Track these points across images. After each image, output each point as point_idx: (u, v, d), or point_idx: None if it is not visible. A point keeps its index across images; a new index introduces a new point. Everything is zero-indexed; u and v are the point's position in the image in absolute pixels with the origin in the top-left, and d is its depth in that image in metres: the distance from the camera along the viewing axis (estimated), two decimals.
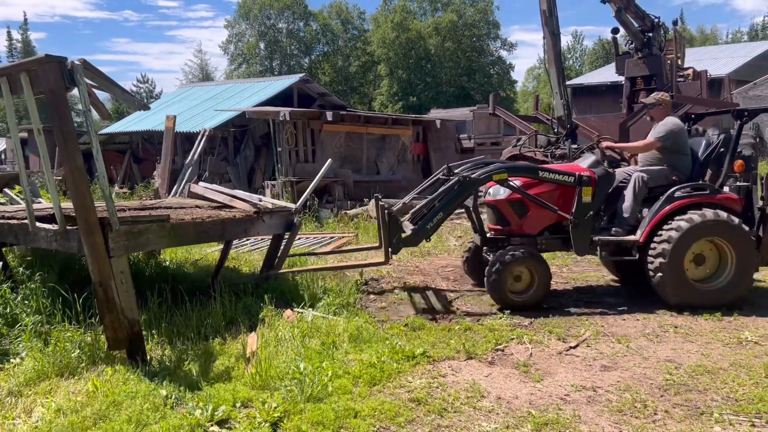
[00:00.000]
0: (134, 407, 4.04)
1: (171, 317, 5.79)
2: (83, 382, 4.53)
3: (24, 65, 4.92)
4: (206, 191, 7.63)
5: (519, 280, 6.50)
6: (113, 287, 4.76)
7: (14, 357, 5.00)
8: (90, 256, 4.75)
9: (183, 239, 5.94)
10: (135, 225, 5.15)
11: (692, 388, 4.45)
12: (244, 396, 4.22)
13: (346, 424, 3.88)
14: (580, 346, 5.40)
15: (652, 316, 6.21)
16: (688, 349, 5.27)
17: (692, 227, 6.16)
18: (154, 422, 3.88)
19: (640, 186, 6.60)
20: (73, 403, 4.16)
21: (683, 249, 6.20)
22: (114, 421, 3.88)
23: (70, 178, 4.67)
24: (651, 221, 6.37)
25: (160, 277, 7.08)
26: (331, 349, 5.12)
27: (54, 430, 3.79)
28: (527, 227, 6.84)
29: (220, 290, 6.22)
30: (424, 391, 4.37)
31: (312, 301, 6.46)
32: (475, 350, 5.24)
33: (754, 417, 4.00)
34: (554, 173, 6.67)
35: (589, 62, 68.93)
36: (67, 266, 6.55)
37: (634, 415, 4.06)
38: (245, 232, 6.79)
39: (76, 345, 4.93)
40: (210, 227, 6.15)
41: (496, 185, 6.88)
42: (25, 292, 5.66)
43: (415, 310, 6.60)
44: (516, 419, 4.00)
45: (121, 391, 4.27)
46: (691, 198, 6.38)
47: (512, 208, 6.81)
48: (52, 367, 4.69)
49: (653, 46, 14.07)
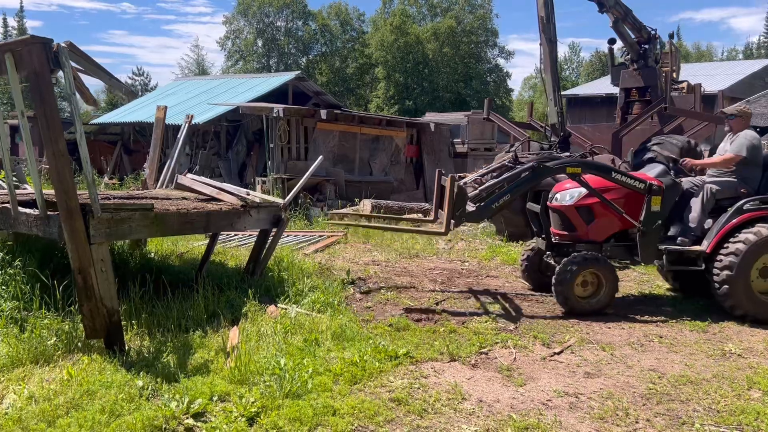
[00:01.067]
0: (108, 397, 3.97)
1: (152, 308, 5.72)
2: (58, 370, 4.46)
3: (8, 45, 4.83)
4: (194, 183, 7.55)
5: (585, 285, 6.51)
6: (93, 275, 4.68)
7: None
8: (70, 242, 4.66)
9: (167, 229, 5.85)
10: (118, 212, 5.06)
11: (674, 398, 4.43)
12: (222, 390, 4.15)
13: (324, 421, 3.83)
14: (565, 353, 5.37)
15: (638, 325, 6.20)
16: (672, 359, 5.26)
17: (760, 240, 6.17)
18: (128, 413, 3.81)
19: (709, 197, 6.62)
20: (47, 390, 4.09)
21: (750, 262, 6.20)
22: (86, 411, 3.81)
23: (52, 162, 4.59)
24: (719, 232, 6.37)
25: (144, 268, 6.98)
26: (313, 346, 5.06)
27: (24, 418, 3.71)
28: (593, 234, 6.85)
29: (203, 283, 6.14)
30: (405, 392, 4.33)
31: (297, 297, 6.40)
32: (459, 352, 5.20)
33: (735, 428, 3.99)
34: (626, 177, 6.67)
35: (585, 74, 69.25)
36: (48, 253, 6.44)
37: (615, 423, 4.03)
38: (231, 226, 6.71)
39: (53, 332, 4.87)
40: (195, 219, 6.07)
41: (564, 190, 6.90)
42: (3, 278, 5.56)
43: (400, 311, 6.54)
44: (496, 423, 3.96)
45: (96, 381, 4.20)
46: (760, 211, 6.39)
47: (579, 214, 6.82)
48: (27, 354, 4.62)
49: (649, 58, 14.09)
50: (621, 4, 13.49)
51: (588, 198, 6.77)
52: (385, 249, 10.36)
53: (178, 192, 7.71)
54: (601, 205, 6.73)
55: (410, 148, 18.55)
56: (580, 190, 6.80)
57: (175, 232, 6.29)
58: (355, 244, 10.81)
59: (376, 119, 18.70)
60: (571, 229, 6.95)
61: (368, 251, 10.24)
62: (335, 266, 8.67)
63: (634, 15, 13.76)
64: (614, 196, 6.71)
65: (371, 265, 9.01)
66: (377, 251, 10.21)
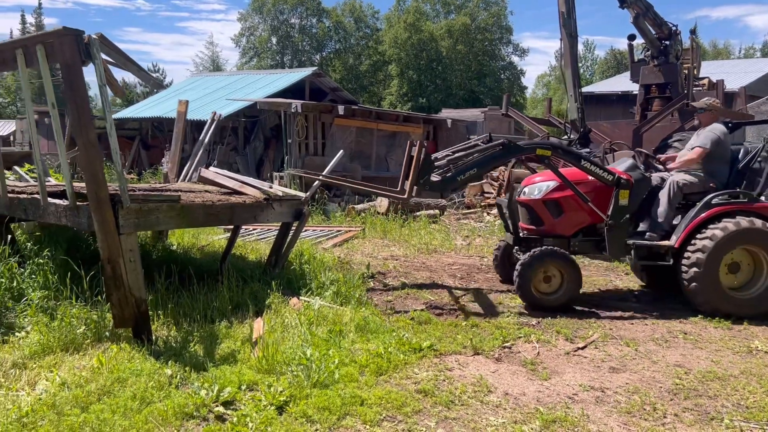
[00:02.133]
0: (139, 384, 4.01)
1: (178, 299, 5.77)
2: (88, 358, 4.51)
3: (40, 37, 4.88)
4: (216, 176, 7.59)
5: (549, 280, 6.46)
6: (122, 265, 4.72)
7: (20, 330, 4.98)
8: (99, 232, 4.71)
9: (192, 221, 5.90)
10: (146, 203, 5.11)
11: (702, 394, 4.40)
12: (250, 379, 4.18)
13: (352, 411, 3.84)
14: (588, 348, 5.35)
15: (661, 322, 6.16)
16: (698, 355, 5.22)
17: (728, 235, 6.11)
18: (158, 400, 3.85)
19: (675, 192, 6.54)
20: (78, 377, 4.14)
21: (718, 257, 6.14)
22: (118, 397, 3.85)
23: (83, 153, 4.64)
24: (687, 227, 6.31)
25: (167, 259, 7.05)
26: (337, 337, 5.08)
27: (58, 403, 3.76)
28: (561, 228, 6.80)
29: (227, 275, 6.18)
30: (430, 383, 4.33)
31: (319, 290, 6.42)
32: (482, 346, 5.20)
33: (766, 424, 3.95)
34: (595, 166, 6.61)
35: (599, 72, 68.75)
36: (75, 244, 6.52)
37: (643, 417, 4.01)
38: (254, 218, 6.74)
39: (82, 321, 4.92)
40: (219, 211, 6.11)
41: (532, 184, 6.86)
42: (32, 267, 5.63)
43: (421, 305, 6.55)
44: (523, 415, 3.96)
45: (126, 369, 4.24)
46: (728, 205, 6.31)
47: (547, 208, 6.78)
48: (57, 341, 4.68)
49: (670, 54, 13.98)
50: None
51: (556, 192, 6.71)
52: (403, 244, 10.38)
53: (200, 185, 7.76)
54: (570, 198, 6.65)
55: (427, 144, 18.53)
56: (548, 183, 6.75)
57: (200, 223, 6.34)
58: (373, 240, 10.84)
59: (393, 115, 18.70)
60: (538, 223, 6.88)
61: (386, 246, 10.26)
62: (354, 260, 8.70)
63: (656, 11, 13.66)
64: (584, 190, 6.61)
65: (390, 260, 9.03)
66: (395, 246, 10.23)
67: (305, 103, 16.42)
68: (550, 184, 6.74)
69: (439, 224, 12.76)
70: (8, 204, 5.94)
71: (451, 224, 13.09)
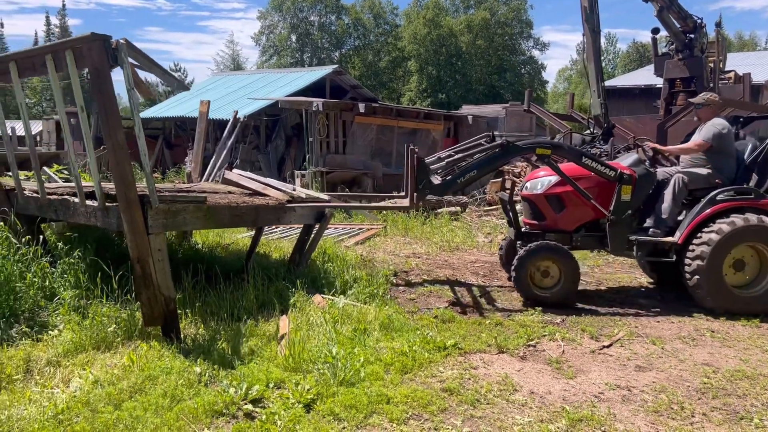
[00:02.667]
0: (169, 382, 4.08)
1: (204, 297, 5.86)
2: (119, 356, 4.59)
3: (69, 43, 4.98)
4: (240, 178, 7.68)
5: (547, 275, 6.44)
6: (151, 264, 4.81)
7: (53, 329, 5.08)
8: (129, 232, 4.80)
9: (218, 222, 5.98)
10: (173, 204, 5.20)
11: (731, 393, 4.36)
12: (277, 377, 4.24)
13: (378, 409, 3.88)
14: (614, 346, 5.33)
15: (688, 320, 6.11)
16: (726, 353, 5.17)
17: (733, 231, 6.03)
18: (188, 398, 3.92)
19: (680, 187, 6.47)
20: (110, 375, 4.23)
21: (723, 253, 6.07)
22: (150, 395, 3.94)
23: (112, 155, 4.73)
24: (691, 223, 6.24)
25: (192, 259, 7.14)
26: (362, 335, 5.12)
27: (92, 401, 3.85)
28: (563, 223, 6.77)
29: (252, 274, 6.26)
30: (456, 382, 4.35)
31: (343, 288, 6.47)
32: (507, 345, 5.20)
33: None
34: (597, 163, 6.56)
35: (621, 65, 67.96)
36: (103, 244, 6.63)
37: (670, 417, 3.99)
38: (278, 220, 6.81)
39: (113, 320, 5.01)
40: (244, 212, 6.19)
41: (535, 179, 6.83)
42: (63, 267, 5.75)
43: (444, 303, 6.56)
44: (550, 414, 3.96)
45: (156, 367, 4.32)
46: (734, 201, 6.23)
47: (549, 203, 6.75)
48: (89, 340, 4.77)
49: (695, 48, 13.78)
50: None
51: (558, 187, 6.67)
52: (425, 242, 10.39)
53: (224, 186, 7.85)
54: (572, 193, 6.61)
55: (447, 142, 18.50)
56: (550, 178, 6.71)
57: (226, 224, 6.42)
58: (395, 237, 10.87)
59: (414, 112, 18.69)
60: (541, 218, 6.86)
61: (408, 244, 10.28)
62: (377, 258, 8.73)
63: (680, 3, 13.48)
64: (586, 185, 6.57)
65: (412, 258, 9.05)
66: (417, 244, 10.25)
67: (326, 101, 16.48)
68: (552, 179, 6.71)
69: (460, 221, 12.74)
70: (41, 205, 6.07)
71: (473, 221, 13.07)
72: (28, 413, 3.74)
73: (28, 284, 5.44)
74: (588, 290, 7.28)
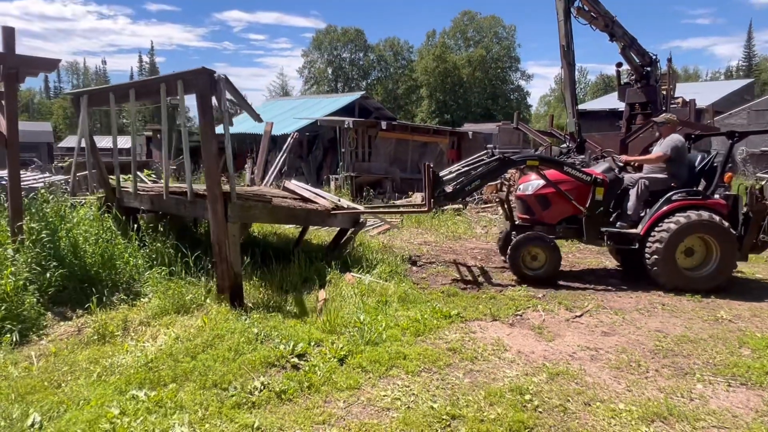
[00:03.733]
0: (233, 340, 4.13)
1: (261, 274, 5.89)
2: (195, 319, 4.65)
3: (180, 75, 5.07)
4: (297, 187, 7.71)
5: (535, 259, 6.41)
6: (226, 245, 4.87)
7: (144, 297, 5.17)
8: (212, 219, 4.87)
9: (279, 218, 6.10)
10: (247, 201, 5.28)
11: (678, 354, 4.30)
12: (317, 337, 4.26)
13: (397, 363, 3.89)
14: (584, 316, 5.27)
15: (644, 295, 6.02)
16: (674, 322, 5.09)
17: (687, 224, 5.95)
18: (248, 352, 3.96)
19: (643, 189, 6.40)
20: (188, 333, 4.29)
21: (677, 241, 5.99)
22: (219, 349, 3.98)
23: (207, 160, 4.86)
24: (651, 218, 6.18)
25: (251, 244, 7.20)
26: (384, 306, 5.13)
27: (174, 352, 3.91)
28: (548, 218, 6.74)
29: (298, 256, 6.28)
30: (458, 343, 4.34)
31: (368, 269, 6.47)
32: (499, 314, 5.18)
33: (730, 378, 3.86)
34: (575, 170, 6.52)
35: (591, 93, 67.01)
36: (182, 232, 6.72)
37: (629, 372, 3.95)
38: (323, 222, 6.79)
39: (190, 291, 5.07)
40: (298, 214, 6.25)
41: (527, 182, 6.80)
42: (152, 249, 5.83)
43: (449, 281, 6.54)
44: (533, 369, 3.94)
45: (223, 327, 4.36)
46: (686, 200, 6.14)
47: (538, 201, 6.73)
48: (172, 306, 4.84)
49: (651, 78, 13.52)
50: (628, 34, 13.00)
51: (545, 189, 6.63)
52: (434, 233, 10.34)
53: (278, 191, 7.89)
54: (555, 194, 6.57)
55: (452, 152, 18.43)
56: (539, 182, 6.65)
57: (283, 221, 6.48)
58: (410, 228, 10.82)
59: (425, 129, 18.62)
60: (531, 213, 6.83)
61: (420, 234, 10.24)
62: (395, 245, 8.70)
63: (639, 43, 13.23)
64: (566, 188, 6.52)
65: (423, 245, 9.01)
66: (427, 234, 10.20)
67: (355, 120, 16.48)
68: (540, 182, 6.67)
69: (462, 216, 12.66)
70: (140, 199, 6.18)
71: (472, 216, 12.97)
72: (126, 361, 3.82)
73: (125, 261, 5.53)
74: (563, 271, 7.20)
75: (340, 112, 20.48)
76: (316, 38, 65.08)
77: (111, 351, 4.04)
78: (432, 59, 57.48)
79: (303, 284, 5.82)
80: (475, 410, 3.28)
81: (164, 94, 5.16)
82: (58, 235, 5.34)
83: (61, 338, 4.39)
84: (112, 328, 4.42)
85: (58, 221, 5.57)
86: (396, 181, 15.89)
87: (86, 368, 3.78)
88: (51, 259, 5.10)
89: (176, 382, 3.52)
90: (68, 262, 5.20)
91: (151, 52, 70.60)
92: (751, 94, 38.03)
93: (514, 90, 61.49)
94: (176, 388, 3.45)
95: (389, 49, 65.56)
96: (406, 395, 3.45)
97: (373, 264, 6.63)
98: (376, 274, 6.23)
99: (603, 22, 12.61)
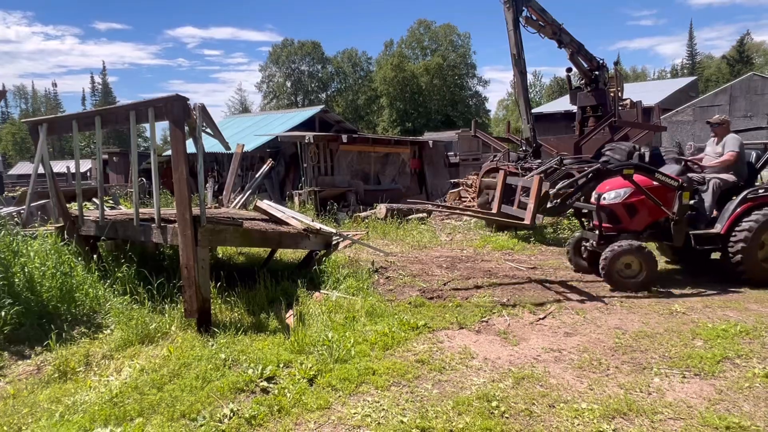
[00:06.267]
0: (201, 367, 4.08)
1: (226, 297, 5.82)
2: (160, 349, 4.57)
3: (152, 102, 5.03)
4: (269, 207, 7.58)
5: (629, 267, 6.34)
6: (195, 269, 4.81)
7: (106, 329, 5.04)
8: (182, 243, 4.81)
9: (251, 242, 6.03)
10: (217, 225, 5.23)
11: (636, 349, 4.47)
12: (286, 358, 4.24)
13: (366, 379, 3.92)
14: (547, 318, 5.41)
15: (603, 293, 6.21)
16: (632, 318, 5.29)
17: (765, 221, 6.24)
18: (216, 379, 3.92)
19: (716, 190, 6.62)
20: (153, 364, 4.21)
21: (758, 237, 6.27)
22: (186, 378, 3.93)
23: (177, 183, 4.81)
24: (730, 217, 6.39)
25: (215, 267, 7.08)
26: (352, 322, 5.14)
27: (140, 385, 3.84)
28: (634, 225, 6.71)
29: (263, 276, 6.24)
30: (426, 354, 4.40)
31: (335, 284, 6.47)
32: (465, 322, 5.26)
33: (685, 370, 4.04)
34: (665, 177, 6.52)
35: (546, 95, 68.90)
36: (144, 258, 6.58)
37: (591, 370, 4.08)
38: (296, 244, 6.73)
39: (153, 320, 4.98)
40: (271, 236, 6.19)
41: (611, 191, 6.74)
42: (114, 278, 5.70)
43: (416, 292, 6.60)
44: (500, 374, 4.03)
45: (190, 355, 4.31)
46: (760, 198, 6.40)
47: (626, 209, 6.68)
48: (135, 336, 4.74)
49: (599, 82, 14.03)
50: (575, 41, 13.48)
51: (633, 196, 6.61)
52: (399, 243, 10.39)
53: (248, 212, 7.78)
54: (644, 201, 6.57)
55: (414, 162, 18.62)
56: (624, 189, 6.62)
57: (256, 245, 6.41)
58: (375, 240, 10.82)
59: (386, 140, 18.77)
60: (617, 222, 6.73)
61: (386, 245, 10.28)
62: (361, 258, 8.67)
63: (586, 49, 13.73)
64: (655, 194, 6.52)
65: (390, 256, 9.05)
66: (393, 245, 10.25)
67: (316, 134, 16.48)
68: (626, 189, 6.61)
69: (427, 225, 12.75)
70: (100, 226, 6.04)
71: (437, 224, 13.08)
72: (89, 398, 3.73)
73: (85, 293, 5.39)
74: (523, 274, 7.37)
75: (301, 127, 20.43)
76: (273, 52, 64.93)
77: (73, 388, 3.93)
78: (390, 69, 58.08)
79: (270, 305, 5.78)
80: (444, 421, 3.34)
81: (134, 121, 5.09)
82: (12, 270, 5.17)
83: (19, 378, 4.25)
84: (73, 364, 4.30)
85: (11, 256, 5.38)
86: (360, 194, 15.94)
87: (48, 408, 3.67)
88: (5, 296, 4.93)
89: (143, 416, 3.46)
90: (24, 298, 5.03)
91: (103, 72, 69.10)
92: (695, 91, 39.97)
93: (472, 96, 62.68)
94: (143, 422, 3.39)
95: (347, 61, 65.91)
96: (376, 411, 3.48)
97: (340, 279, 6.63)
98: (343, 290, 6.24)
99: (551, 31, 13.04)
